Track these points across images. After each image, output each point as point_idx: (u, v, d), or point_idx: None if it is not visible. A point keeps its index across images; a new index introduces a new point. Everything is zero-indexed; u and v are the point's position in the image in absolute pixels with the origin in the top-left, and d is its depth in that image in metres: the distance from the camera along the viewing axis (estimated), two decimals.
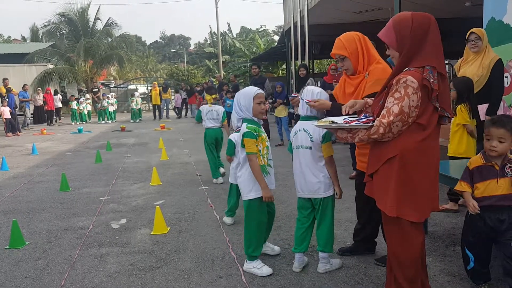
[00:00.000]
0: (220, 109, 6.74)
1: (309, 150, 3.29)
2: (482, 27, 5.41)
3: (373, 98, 2.73)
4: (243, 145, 3.30)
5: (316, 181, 3.28)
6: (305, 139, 3.29)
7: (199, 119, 6.83)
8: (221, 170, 6.67)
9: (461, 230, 4.13)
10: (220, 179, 6.59)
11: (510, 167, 2.75)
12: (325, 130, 3.18)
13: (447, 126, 3.93)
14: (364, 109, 2.73)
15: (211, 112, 6.61)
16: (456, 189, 2.92)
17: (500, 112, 4.79)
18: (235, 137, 4.67)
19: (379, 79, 3.03)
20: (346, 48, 3.24)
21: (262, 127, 3.42)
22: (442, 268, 3.33)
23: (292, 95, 3.69)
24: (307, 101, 3.22)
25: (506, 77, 5.22)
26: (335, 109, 3.06)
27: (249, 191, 3.32)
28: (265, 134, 3.41)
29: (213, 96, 6.81)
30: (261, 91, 3.41)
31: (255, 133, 3.26)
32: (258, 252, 3.43)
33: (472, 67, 4.69)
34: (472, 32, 4.73)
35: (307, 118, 3.32)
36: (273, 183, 3.42)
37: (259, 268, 3.38)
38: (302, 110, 3.37)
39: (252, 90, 3.39)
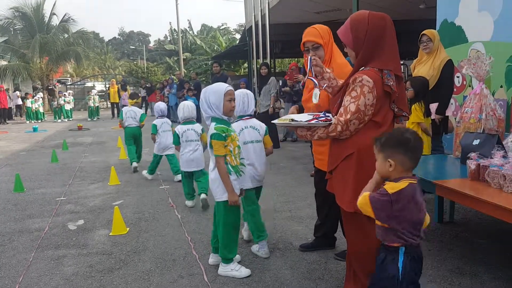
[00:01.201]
0: (139, 110, 7.76)
1: (258, 144, 3.74)
2: (435, 29, 5.61)
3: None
4: (211, 146, 3.16)
5: (264, 170, 3.74)
6: (254, 134, 3.73)
7: (121, 118, 7.72)
8: (134, 164, 7.43)
9: None
10: (134, 166, 7.41)
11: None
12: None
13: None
14: (322, 73, 2.77)
15: (130, 111, 7.63)
16: None
17: (449, 110, 4.98)
18: (178, 129, 5.26)
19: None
20: (321, 37, 3.22)
21: (231, 125, 3.29)
22: None
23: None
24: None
25: (458, 77, 5.44)
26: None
27: (223, 193, 3.17)
28: (236, 133, 3.28)
29: (135, 100, 8.01)
30: (231, 87, 3.20)
31: (223, 134, 3.11)
32: (233, 254, 3.32)
33: (425, 67, 4.86)
34: (424, 34, 4.91)
35: (242, 116, 3.75)
36: (249, 182, 3.43)
37: (238, 270, 3.26)
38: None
39: (222, 86, 3.17)
